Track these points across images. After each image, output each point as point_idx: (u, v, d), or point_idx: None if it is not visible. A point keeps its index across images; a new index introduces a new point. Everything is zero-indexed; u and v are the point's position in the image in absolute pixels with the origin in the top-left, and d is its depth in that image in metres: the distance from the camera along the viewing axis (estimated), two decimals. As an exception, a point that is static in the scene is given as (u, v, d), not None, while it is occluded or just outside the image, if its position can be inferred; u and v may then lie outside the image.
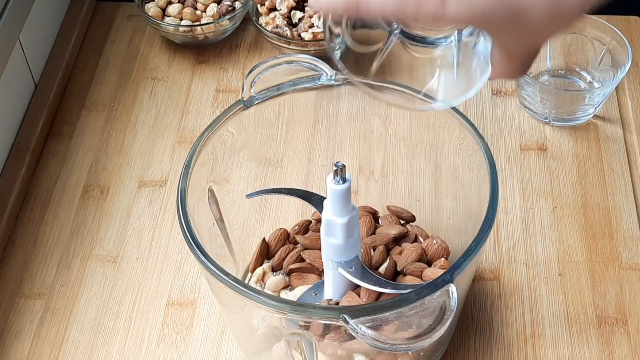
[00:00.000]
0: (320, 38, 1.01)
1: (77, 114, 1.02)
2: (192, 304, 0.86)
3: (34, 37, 1.02)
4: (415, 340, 0.63)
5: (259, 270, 0.82)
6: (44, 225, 0.92)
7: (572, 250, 0.89)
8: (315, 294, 0.78)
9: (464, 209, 0.81)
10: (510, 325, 0.84)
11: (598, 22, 0.98)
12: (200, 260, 0.68)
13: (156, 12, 1.06)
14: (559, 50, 1.02)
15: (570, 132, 0.98)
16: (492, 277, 0.87)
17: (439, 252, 0.80)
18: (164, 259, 0.89)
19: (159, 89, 1.04)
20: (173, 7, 1.07)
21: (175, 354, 0.83)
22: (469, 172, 0.78)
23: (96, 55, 1.08)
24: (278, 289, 0.81)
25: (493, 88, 1.03)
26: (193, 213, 0.71)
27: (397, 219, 0.85)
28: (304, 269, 0.80)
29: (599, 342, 0.82)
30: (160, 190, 0.95)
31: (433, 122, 0.79)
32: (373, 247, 0.80)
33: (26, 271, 0.89)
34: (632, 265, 0.87)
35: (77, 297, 0.87)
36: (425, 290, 0.65)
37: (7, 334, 0.84)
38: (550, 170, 0.95)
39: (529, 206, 0.92)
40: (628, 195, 0.93)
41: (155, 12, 1.06)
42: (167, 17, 1.07)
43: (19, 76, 0.99)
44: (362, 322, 0.63)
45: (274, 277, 0.81)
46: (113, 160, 0.97)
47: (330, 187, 0.69)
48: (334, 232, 0.71)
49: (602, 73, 0.99)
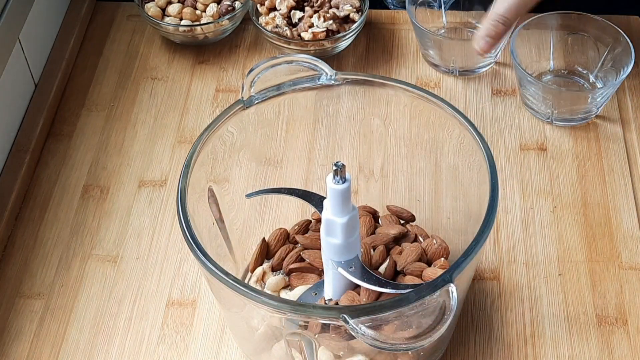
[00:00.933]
0: (320, 38, 1.01)
1: (77, 113, 1.02)
2: (192, 304, 0.86)
3: (34, 37, 1.02)
4: (415, 340, 0.63)
5: (259, 270, 0.82)
6: (44, 225, 0.92)
7: (572, 250, 0.89)
8: (315, 294, 0.78)
9: (464, 209, 0.81)
10: (510, 325, 0.84)
11: (600, 22, 0.99)
12: (200, 260, 0.68)
13: (156, 12, 1.06)
14: (561, 50, 1.02)
15: (570, 132, 0.98)
16: (492, 277, 0.87)
17: (439, 252, 0.80)
18: (164, 259, 0.89)
19: (159, 88, 1.04)
20: (173, 7, 1.07)
21: (175, 353, 0.83)
22: (469, 172, 0.78)
23: (96, 55, 1.08)
24: (278, 289, 0.81)
25: (493, 88, 1.03)
26: (193, 213, 0.71)
27: (397, 219, 0.85)
28: (304, 268, 0.80)
29: (599, 342, 0.82)
30: (160, 190, 0.95)
31: (433, 122, 0.79)
32: (373, 247, 0.80)
33: (26, 271, 0.89)
34: (632, 265, 0.87)
35: (77, 297, 0.87)
36: (425, 290, 0.65)
37: (7, 334, 0.84)
38: (550, 170, 0.95)
39: (529, 206, 0.92)
40: (628, 195, 0.93)
41: (155, 12, 1.06)
42: (167, 17, 1.07)
43: (19, 76, 0.99)
44: (362, 322, 0.63)
45: (274, 277, 0.81)
46: (113, 160, 0.97)
47: (330, 187, 0.69)
48: (334, 232, 0.71)
49: (604, 73, 0.99)
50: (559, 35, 1.01)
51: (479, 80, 1.04)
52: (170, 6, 1.07)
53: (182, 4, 1.07)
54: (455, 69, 1.03)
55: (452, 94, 1.02)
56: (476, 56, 1.00)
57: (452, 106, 0.76)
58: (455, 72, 1.04)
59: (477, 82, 1.03)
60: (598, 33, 0.99)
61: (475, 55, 0.96)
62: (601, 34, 0.99)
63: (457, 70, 1.03)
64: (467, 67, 1.03)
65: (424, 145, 0.83)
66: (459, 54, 1.01)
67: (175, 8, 1.06)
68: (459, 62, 1.02)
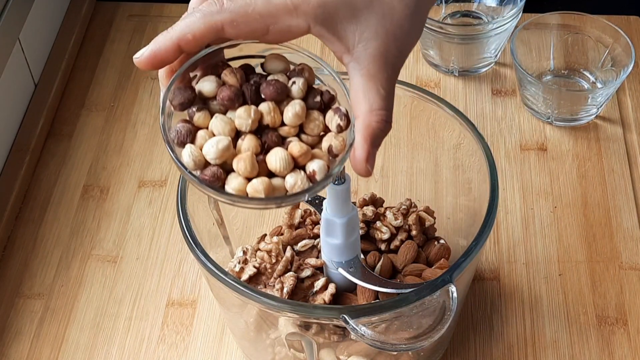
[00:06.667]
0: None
1: (76, 114, 1.02)
2: (192, 304, 0.86)
3: (34, 37, 1.02)
4: (415, 340, 0.63)
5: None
6: (44, 225, 0.92)
7: (572, 250, 0.89)
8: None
9: (464, 209, 0.81)
10: (510, 325, 0.84)
11: (600, 22, 0.99)
12: (200, 260, 0.68)
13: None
14: (561, 50, 1.02)
15: (570, 132, 0.98)
16: (492, 277, 0.87)
17: (439, 252, 0.80)
18: (163, 259, 0.89)
19: (159, 89, 1.04)
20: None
21: (175, 354, 0.83)
22: (469, 172, 0.78)
23: (96, 55, 1.08)
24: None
25: (493, 88, 1.03)
26: (193, 213, 0.71)
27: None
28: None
29: (599, 342, 0.82)
30: (160, 191, 0.95)
31: (433, 122, 0.79)
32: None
33: (26, 271, 0.89)
34: (632, 265, 0.87)
35: (77, 297, 0.87)
36: (425, 290, 0.65)
37: (7, 334, 0.84)
38: (550, 170, 0.95)
39: (529, 206, 0.92)
40: (628, 195, 0.93)
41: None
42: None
43: (19, 76, 0.99)
44: (362, 322, 0.63)
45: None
46: (113, 160, 0.97)
47: (330, 187, 0.69)
48: (334, 232, 0.71)
49: (604, 73, 0.99)
50: (559, 35, 1.01)
51: (479, 80, 1.04)
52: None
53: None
54: (455, 69, 1.03)
55: (452, 94, 1.02)
56: (476, 56, 1.01)
57: (452, 106, 0.76)
58: (455, 72, 1.04)
59: (477, 82, 1.03)
60: (598, 33, 0.99)
61: (473, 58, 0.96)
62: (601, 34, 0.99)
63: (457, 70, 1.03)
64: (467, 67, 1.03)
65: (424, 145, 0.83)
66: (459, 54, 1.01)
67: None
68: (458, 62, 1.02)
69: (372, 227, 0.80)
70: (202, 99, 0.58)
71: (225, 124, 0.57)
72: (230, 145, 0.56)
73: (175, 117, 0.59)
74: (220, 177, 0.56)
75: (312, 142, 0.58)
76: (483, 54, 1.02)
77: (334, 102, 0.59)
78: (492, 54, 1.02)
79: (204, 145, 0.56)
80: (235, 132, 0.57)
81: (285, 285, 0.72)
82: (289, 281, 0.72)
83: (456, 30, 0.99)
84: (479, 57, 1.02)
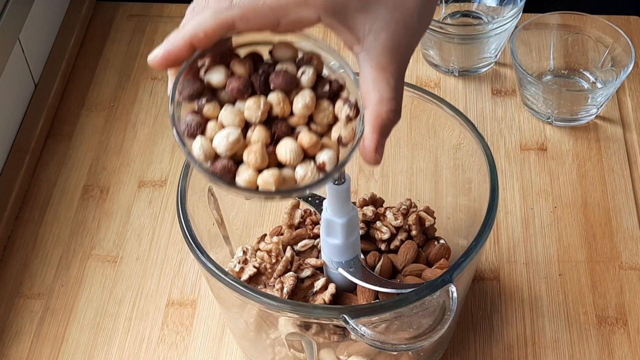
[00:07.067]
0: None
1: (76, 114, 1.02)
2: (192, 304, 0.86)
3: (34, 37, 1.02)
4: (415, 340, 0.63)
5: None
6: (44, 225, 0.92)
7: (572, 250, 0.89)
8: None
9: (464, 209, 0.81)
10: (510, 325, 0.84)
11: (600, 22, 0.99)
12: (200, 260, 0.68)
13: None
14: (561, 50, 1.02)
15: (570, 132, 0.98)
16: (492, 277, 0.87)
17: (439, 252, 0.80)
18: (163, 259, 0.89)
19: (159, 88, 1.04)
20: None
21: (175, 354, 0.83)
22: (469, 172, 0.78)
23: (96, 55, 1.08)
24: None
25: (493, 88, 1.03)
26: (193, 213, 0.71)
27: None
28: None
29: (599, 342, 0.82)
30: (160, 190, 0.95)
31: (433, 122, 0.79)
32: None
33: (26, 271, 0.89)
34: (632, 265, 0.87)
35: (77, 297, 0.87)
36: (425, 290, 0.65)
37: (7, 334, 0.84)
38: (550, 170, 0.95)
39: (529, 206, 0.92)
40: (628, 195, 0.93)
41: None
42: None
43: (18, 76, 0.98)
44: (362, 322, 0.63)
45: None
46: (113, 160, 0.97)
47: (330, 187, 0.69)
48: (334, 233, 0.71)
49: (604, 73, 0.99)
50: (559, 35, 1.01)
51: (479, 80, 1.04)
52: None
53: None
54: (455, 69, 1.03)
55: (452, 94, 1.02)
56: (476, 56, 1.00)
57: (452, 106, 0.76)
58: (455, 72, 1.04)
59: (477, 82, 1.03)
60: (598, 33, 0.99)
61: (473, 58, 0.96)
62: (601, 34, 0.99)
63: (457, 70, 1.03)
64: (467, 67, 1.03)
65: (424, 145, 0.83)
66: (459, 54, 1.01)
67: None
68: (458, 62, 1.02)
69: (372, 227, 0.80)
70: (211, 89, 0.58)
71: (234, 115, 0.57)
72: (240, 137, 0.56)
73: (184, 107, 0.59)
74: (231, 169, 0.56)
75: (321, 132, 0.58)
76: (483, 54, 1.02)
77: (342, 91, 0.59)
78: (492, 54, 1.02)
79: (214, 138, 0.56)
80: (244, 122, 0.57)
81: (285, 285, 0.72)
82: (289, 281, 0.72)
83: (456, 30, 0.99)
84: (479, 57, 1.02)
